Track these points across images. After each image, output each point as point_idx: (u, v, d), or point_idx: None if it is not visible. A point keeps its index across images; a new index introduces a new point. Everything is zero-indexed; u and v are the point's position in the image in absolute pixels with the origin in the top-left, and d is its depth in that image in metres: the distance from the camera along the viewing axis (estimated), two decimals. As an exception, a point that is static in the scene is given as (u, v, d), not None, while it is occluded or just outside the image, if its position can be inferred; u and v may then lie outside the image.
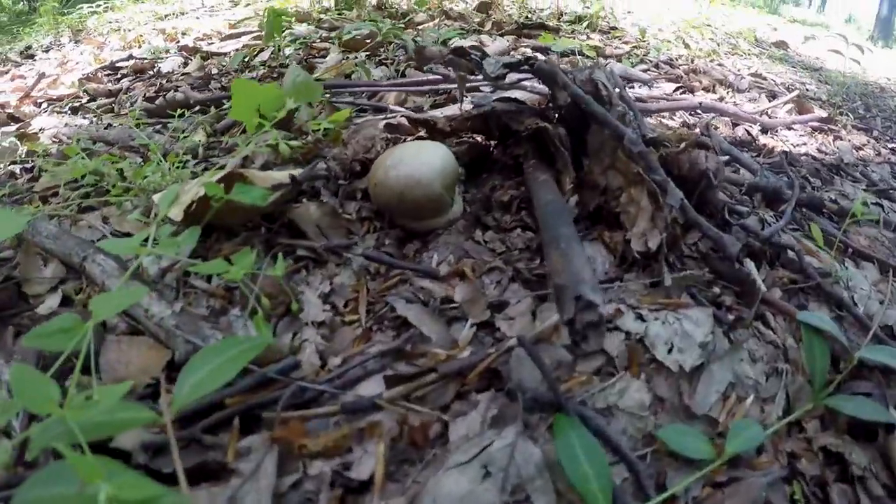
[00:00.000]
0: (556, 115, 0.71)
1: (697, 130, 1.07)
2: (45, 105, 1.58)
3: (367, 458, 0.41)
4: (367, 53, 1.53)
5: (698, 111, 1.26)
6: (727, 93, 1.62)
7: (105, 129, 1.31)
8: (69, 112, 1.50)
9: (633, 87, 1.41)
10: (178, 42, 2.00)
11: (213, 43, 1.88)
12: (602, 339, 0.47)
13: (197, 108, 1.24)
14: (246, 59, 1.64)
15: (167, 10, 2.65)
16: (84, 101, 1.53)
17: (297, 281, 0.60)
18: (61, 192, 1.02)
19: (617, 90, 0.68)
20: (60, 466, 0.33)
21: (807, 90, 2.04)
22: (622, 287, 0.60)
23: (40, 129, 1.41)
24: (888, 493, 0.50)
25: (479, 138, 0.88)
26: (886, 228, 0.95)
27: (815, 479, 0.50)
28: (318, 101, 0.93)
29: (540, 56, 1.63)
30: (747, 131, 1.24)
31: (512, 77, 0.78)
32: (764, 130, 1.32)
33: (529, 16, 1.98)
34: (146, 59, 1.76)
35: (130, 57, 1.80)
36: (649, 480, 0.43)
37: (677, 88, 1.49)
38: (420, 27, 1.78)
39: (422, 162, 0.63)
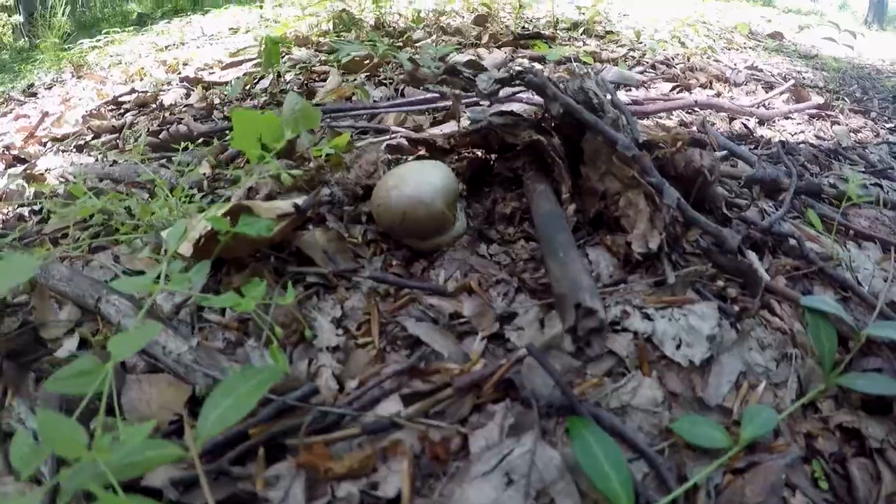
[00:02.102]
0: (552, 126, 0.74)
1: (694, 128, 1.10)
2: (49, 144, 1.63)
3: (392, 476, 0.43)
4: (367, 74, 1.58)
5: (695, 109, 1.30)
6: (724, 88, 1.65)
7: (111, 165, 1.35)
8: (74, 150, 1.55)
9: (629, 91, 1.45)
10: (180, 73, 2.07)
11: (213, 72, 1.94)
12: (605, 344, 0.49)
13: (201, 140, 1.29)
14: (247, 87, 1.70)
15: (168, 41, 2.73)
16: (89, 138, 1.58)
17: (309, 307, 0.62)
18: (71, 233, 1.06)
19: (608, 96, 0.71)
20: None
21: (803, 78, 2.08)
22: (627, 288, 0.63)
23: (46, 170, 1.45)
24: (907, 462, 0.52)
25: (479, 153, 0.91)
26: (886, 208, 0.97)
27: (833, 456, 0.52)
28: (318, 127, 0.97)
29: (537, 65, 1.68)
30: (744, 125, 1.27)
31: (507, 90, 0.81)
32: (761, 122, 1.34)
33: (526, 26, 2.03)
34: (148, 92, 1.82)
35: (133, 91, 1.86)
36: (669, 473, 0.45)
37: (674, 87, 1.53)
38: (418, 44, 1.83)
39: (422, 181, 0.66)
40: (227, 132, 1.27)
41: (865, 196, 0.84)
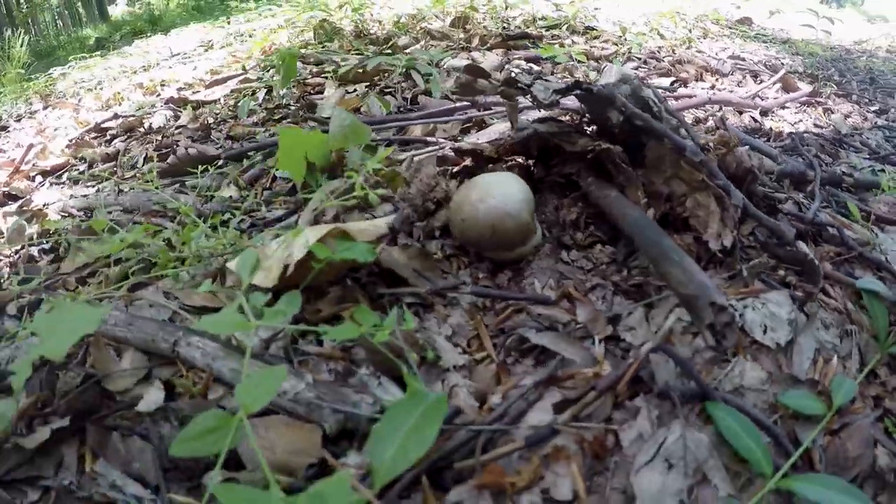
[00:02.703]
0: (612, 133, 0.82)
1: (711, 123, 1.21)
2: (38, 178, 1.61)
3: (561, 479, 0.50)
4: (367, 85, 1.63)
5: (707, 105, 1.42)
6: (715, 79, 1.79)
7: (117, 195, 1.35)
8: (68, 183, 1.53)
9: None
10: (159, 95, 2.06)
11: (198, 91, 1.94)
12: (736, 335, 0.58)
13: (219, 162, 1.29)
14: (237, 104, 1.71)
15: (137, 64, 2.70)
16: (81, 168, 1.57)
17: (415, 328, 0.68)
18: (103, 273, 1.05)
19: (663, 105, 0.80)
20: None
21: (782, 64, 2.26)
22: (709, 284, 0.72)
23: (44, 205, 1.42)
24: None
25: (520, 160, 0.98)
26: (897, 192, 1.11)
27: (898, 413, 0.62)
28: (368, 141, 1.01)
29: (534, 66, 1.77)
30: (752, 118, 1.40)
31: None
32: (764, 113, 1.48)
33: (506, 26, 2.13)
34: (132, 116, 1.81)
35: (116, 116, 1.84)
36: (785, 439, 0.54)
37: (673, 82, 1.65)
38: (406, 51, 1.89)
39: (507, 193, 0.72)
40: (250, 153, 1.29)
41: (891, 189, 0.96)
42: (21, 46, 3.20)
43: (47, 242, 1.29)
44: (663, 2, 3.06)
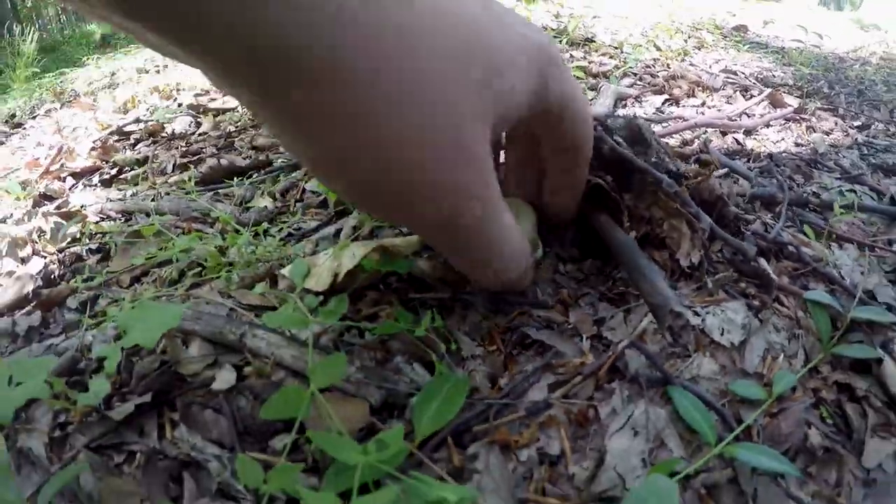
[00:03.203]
0: (605, 159, 1.01)
1: (695, 145, 1.40)
2: (68, 179, 1.78)
3: (552, 441, 0.68)
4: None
5: (695, 128, 1.61)
6: (706, 94, 1.98)
7: (154, 200, 1.53)
8: (100, 185, 1.71)
9: (625, 105, 1.75)
10: (175, 99, 2.23)
11: (215, 99, 2.12)
12: (690, 335, 0.76)
13: (252, 173, 1.48)
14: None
15: (148, 64, 2.85)
16: (113, 172, 1.74)
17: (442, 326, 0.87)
18: (150, 272, 1.24)
19: (655, 136, 0.98)
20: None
21: (773, 76, 2.44)
22: (679, 294, 0.91)
23: (82, 206, 1.60)
24: (884, 404, 0.81)
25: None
26: (860, 211, 1.30)
27: (833, 402, 0.81)
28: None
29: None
30: (735, 140, 1.59)
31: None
32: (748, 132, 1.67)
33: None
34: (153, 121, 1.98)
35: (137, 120, 2.01)
36: (731, 419, 0.73)
37: (665, 101, 1.84)
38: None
39: (518, 213, 0.90)
40: (287, 168, 1.47)
41: (846, 212, 1.15)
42: (31, 43, 3.35)
43: (86, 243, 1.46)
44: (661, 7, 3.25)
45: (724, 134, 1.61)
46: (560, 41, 2.37)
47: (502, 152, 0.95)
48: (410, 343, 0.82)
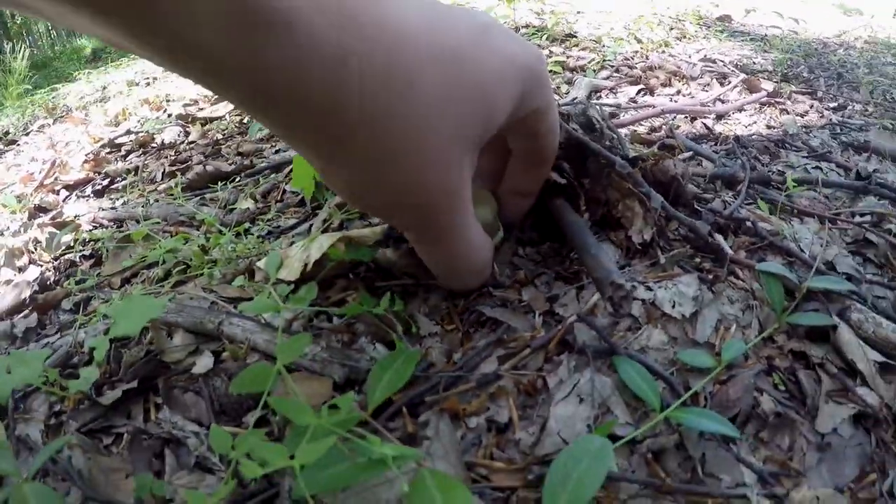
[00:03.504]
0: (562, 146, 1.04)
1: (662, 132, 1.43)
2: (62, 192, 1.84)
3: (502, 410, 0.72)
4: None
5: (664, 115, 1.64)
6: (682, 83, 2.01)
7: (143, 207, 1.59)
8: (93, 196, 1.77)
9: (599, 97, 1.78)
10: (164, 110, 2.29)
11: (203, 108, 2.17)
12: (631, 305, 0.80)
13: (235, 178, 1.53)
14: (243, 121, 1.95)
15: (138, 77, 2.92)
16: (105, 183, 1.80)
17: (402, 309, 0.91)
18: (139, 273, 1.30)
19: (605, 123, 1.02)
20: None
21: (753, 63, 2.46)
22: (632, 270, 0.94)
23: (76, 216, 1.66)
24: (841, 370, 0.83)
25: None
26: (824, 187, 1.32)
27: (787, 369, 0.83)
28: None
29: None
30: (704, 124, 1.61)
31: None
32: (719, 118, 1.70)
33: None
34: (143, 132, 2.04)
35: (128, 132, 2.07)
36: (679, 386, 0.76)
37: (639, 91, 1.87)
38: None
39: (475, 195, 0.94)
40: (268, 171, 1.52)
41: (801, 188, 1.18)
42: (22, 60, 3.43)
43: (83, 248, 1.52)
44: (646, 1, 3.27)
45: (693, 120, 1.64)
46: (540, 38, 2.41)
47: None
48: (373, 324, 0.86)
